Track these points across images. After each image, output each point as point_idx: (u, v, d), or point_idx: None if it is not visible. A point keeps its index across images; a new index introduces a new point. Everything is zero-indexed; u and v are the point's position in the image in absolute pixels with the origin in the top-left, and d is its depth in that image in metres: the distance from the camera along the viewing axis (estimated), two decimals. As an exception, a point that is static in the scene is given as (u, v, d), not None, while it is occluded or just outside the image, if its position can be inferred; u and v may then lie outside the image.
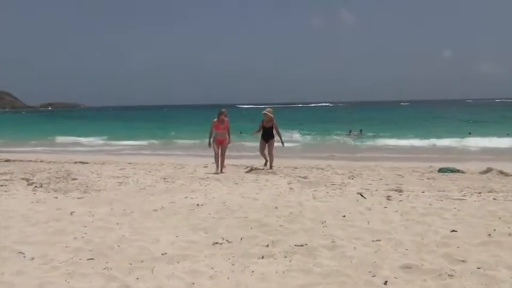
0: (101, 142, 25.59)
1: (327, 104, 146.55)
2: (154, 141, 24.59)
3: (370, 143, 21.58)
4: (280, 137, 11.19)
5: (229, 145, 10.91)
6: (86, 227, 5.21)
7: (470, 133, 23.38)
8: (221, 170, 10.51)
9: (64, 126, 40.86)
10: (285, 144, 11.53)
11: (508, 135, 22.07)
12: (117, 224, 5.36)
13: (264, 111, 11.25)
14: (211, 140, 10.67)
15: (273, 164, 11.00)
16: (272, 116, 11.14)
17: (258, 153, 11.55)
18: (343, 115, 57.27)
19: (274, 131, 11.16)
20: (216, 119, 10.62)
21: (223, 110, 10.74)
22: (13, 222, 5.45)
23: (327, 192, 7.39)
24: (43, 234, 4.91)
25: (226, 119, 10.67)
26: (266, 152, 11.23)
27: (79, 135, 27.74)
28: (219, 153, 10.57)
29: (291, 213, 5.77)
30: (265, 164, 11.15)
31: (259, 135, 11.38)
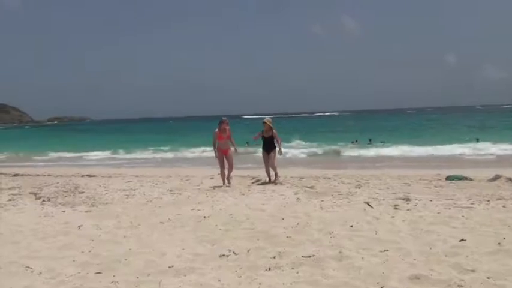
0: (105, 156, 25.61)
1: (333, 113, 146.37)
2: (160, 153, 24.71)
3: (378, 150, 21.47)
4: (279, 145, 10.53)
5: (234, 155, 10.41)
6: (93, 240, 5.22)
7: (478, 139, 23.20)
8: (228, 182, 10.08)
9: (67, 140, 41.25)
10: (287, 154, 11.16)
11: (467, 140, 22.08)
12: (124, 237, 5.37)
13: (263, 120, 10.69)
14: (215, 151, 10.24)
15: (279, 175, 10.44)
16: (271, 125, 10.53)
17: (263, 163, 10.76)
18: (350, 124, 57.17)
19: (274, 140, 10.54)
20: (217, 129, 10.10)
21: (224, 118, 10.21)
22: (21, 237, 5.48)
23: (334, 202, 7.36)
24: (51, 249, 4.93)
25: (227, 127, 10.12)
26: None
27: (82, 150, 27.86)
28: (224, 165, 10.13)
29: (298, 223, 5.74)
30: (269, 182, 10.39)
31: (261, 143, 10.72)
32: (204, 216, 6.42)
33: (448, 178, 10.33)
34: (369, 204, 7.01)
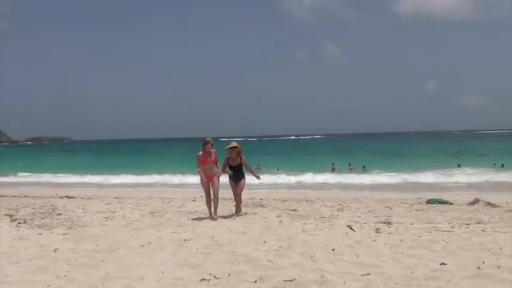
0: (76, 178, 24.30)
1: (317, 136, 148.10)
2: (143, 176, 24.09)
3: (361, 177, 21.36)
4: (252, 172, 9.13)
5: (219, 179, 8.74)
6: (69, 264, 5.07)
7: (459, 165, 23.53)
8: (215, 213, 8.60)
9: (43, 162, 40.41)
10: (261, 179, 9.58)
11: (495, 165, 22.37)
12: (102, 260, 5.23)
13: (228, 147, 8.85)
14: (201, 175, 8.60)
15: (241, 207, 9.01)
16: (239, 150, 8.86)
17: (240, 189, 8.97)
18: (328, 147, 57.61)
19: (244, 168, 8.94)
20: (201, 152, 8.56)
21: (208, 139, 8.61)
22: (-6, 261, 5.28)
23: (316, 225, 7.34)
24: (25, 273, 4.77)
25: (213, 150, 8.62)
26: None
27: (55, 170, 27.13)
28: (210, 193, 8.62)
29: (280, 247, 5.70)
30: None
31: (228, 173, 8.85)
32: (185, 239, 6.32)
33: (429, 202, 10.45)
34: (351, 228, 7.02)
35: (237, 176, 8.83)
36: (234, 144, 8.87)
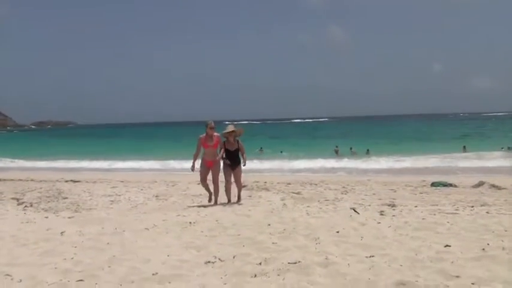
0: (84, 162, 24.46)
1: (324, 119, 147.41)
2: (147, 159, 24.13)
3: (363, 158, 21.36)
4: (243, 157, 8.29)
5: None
6: (75, 247, 5.12)
7: (465, 147, 23.44)
8: (215, 200, 8.32)
9: (49, 145, 40.57)
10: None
11: (502, 148, 22.22)
12: (108, 243, 5.27)
13: (225, 131, 8.22)
14: (200, 161, 8.26)
15: (241, 197, 8.54)
16: (237, 134, 8.29)
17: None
18: (333, 130, 57.46)
19: (239, 153, 8.29)
20: (203, 135, 8.22)
21: (209, 122, 8.25)
22: (2, 244, 5.35)
23: (320, 208, 7.36)
24: (32, 256, 4.82)
25: (215, 134, 8.27)
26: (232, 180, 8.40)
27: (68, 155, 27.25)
28: (211, 179, 8.29)
29: (284, 229, 5.72)
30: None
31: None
32: (190, 222, 6.36)
33: (433, 184, 10.44)
34: (355, 210, 7.03)
35: (233, 162, 8.25)
36: (231, 128, 8.25)
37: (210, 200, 8.40)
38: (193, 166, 8.28)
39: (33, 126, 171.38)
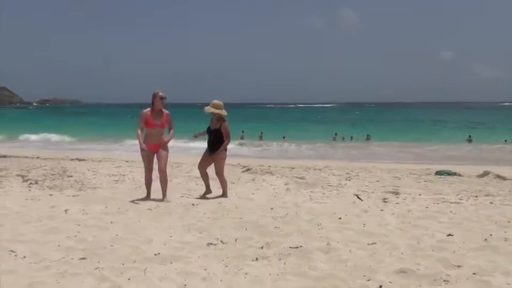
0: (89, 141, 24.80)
1: (331, 104, 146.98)
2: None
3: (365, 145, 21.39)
4: (225, 145, 6.87)
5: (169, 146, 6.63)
6: (79, 225, 5.16)
7: (470, 136, 23.36)
8: (164, 196, 6.59)
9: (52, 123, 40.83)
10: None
11: (506, 141, 22.07)
12: (111, 222, 5.31)
13: (208, 107, 6.88)
14: (141, 142, 6.42)
15: (227, 191, 7.07)
16: (222, 113, 6.86)
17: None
18: (336, 116, 57.28)
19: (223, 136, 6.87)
20: (148, 109, 6.40)
21: (157, 91, 6.40)
22: (6, 220, 5.39)
23: (324, 194, 7.35)
24: (36, 233, 4.86)
25: (165, 111, 6.51)
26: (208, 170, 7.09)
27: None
28: (152, 168, 6.65)
29: (286, 214, 5.73)
30: (206, 193, 7.11)
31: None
32: (193, 204, 6.39)
33: (438, 173, 10.39)
34: (358, 197, 7.02)
35: (212, 144, 6.90)
36: (211, 109, 6.83)
37: (147, 194, 6.84)
38: (141, 144, 6.40)
39: (34, 104, 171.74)
